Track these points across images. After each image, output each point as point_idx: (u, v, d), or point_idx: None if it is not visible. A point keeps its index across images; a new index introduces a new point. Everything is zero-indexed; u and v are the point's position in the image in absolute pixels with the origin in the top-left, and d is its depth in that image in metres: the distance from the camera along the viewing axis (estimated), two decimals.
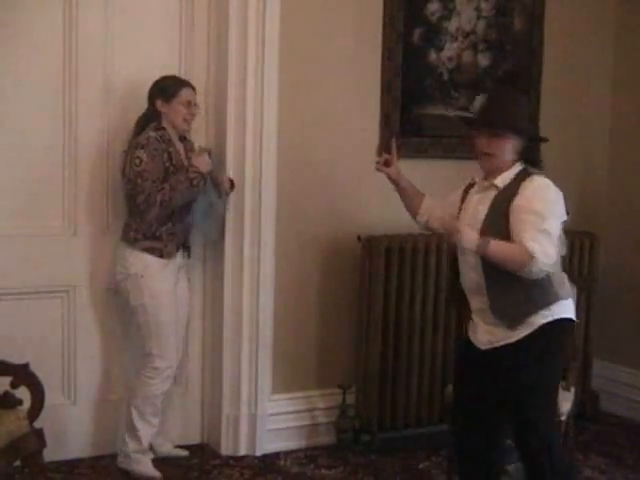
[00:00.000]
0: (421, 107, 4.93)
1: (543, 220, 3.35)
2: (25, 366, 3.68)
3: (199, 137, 4.51)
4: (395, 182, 3.85)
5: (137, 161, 4.12)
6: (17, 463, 3.63)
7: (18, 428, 3.54)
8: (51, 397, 3.89)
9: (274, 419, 4.71)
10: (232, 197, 4.50)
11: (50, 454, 3.82)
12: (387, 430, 4.81)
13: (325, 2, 4.66)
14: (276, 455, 4.68)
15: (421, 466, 4.64)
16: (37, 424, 3.64)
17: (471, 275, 3.53)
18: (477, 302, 3.56)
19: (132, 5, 4.40)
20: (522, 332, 3.44)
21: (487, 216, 3.46)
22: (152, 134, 4.20)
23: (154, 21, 4.46)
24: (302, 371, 4.78)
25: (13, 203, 4.28)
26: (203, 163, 4.23)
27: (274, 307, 4.65)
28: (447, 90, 5.00)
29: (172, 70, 4.41)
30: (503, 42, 5.14)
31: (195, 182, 4.18)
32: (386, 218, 4.73)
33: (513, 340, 3.46)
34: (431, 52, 4.94)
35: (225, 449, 4.67)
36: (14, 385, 3.66)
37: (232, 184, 4.46)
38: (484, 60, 5.09)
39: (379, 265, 4.65)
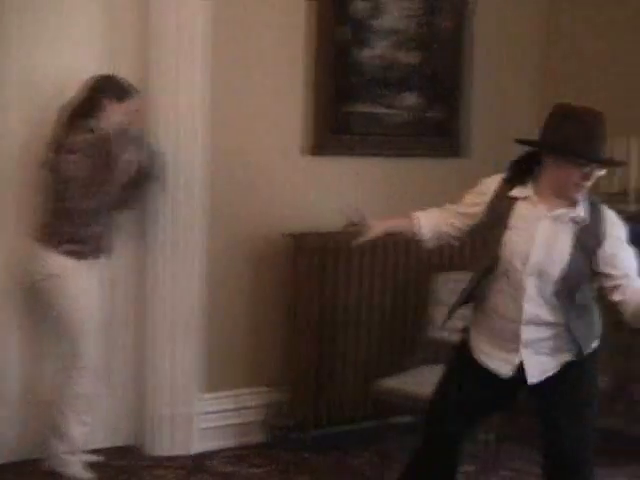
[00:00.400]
0: (350, 105, 4.93)
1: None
2: None
3: None
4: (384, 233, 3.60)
5: (70, 165, 4.08)
6: None
7: None
8: None
9: (205, 418, 4.69)
10: (166, 198, 4.48)
11: None
12: (319, 427, 4.82)
13: (252, 3, 4.66)
14: (208, 454, 4.66)
15: (355, 462, 4.66)
16: None
17: (533, 307, 3.31)
18: (533, 333, 3.33)
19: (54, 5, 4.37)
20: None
21: (573, 253, 3.26)
22: (89, 137, 4.13)
23: (77, 22, 4.41)
24: (233, 369, 4.77)
25: None
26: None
27: (205, 305, 4.63)
28: (375, 88, 5.01)
29: (97, 68, 4.36)
30: (431, 41, 5.16)
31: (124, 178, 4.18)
32: (318, 216, 4.74)
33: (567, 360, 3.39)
34: (359, 50, 4.94)
35: (157, 449, 4.63)
36: None
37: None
38: (412, 59, 5.11)
39: (308, 263, 4.66)
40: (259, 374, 4.82)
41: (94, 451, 4.51)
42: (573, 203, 3.28)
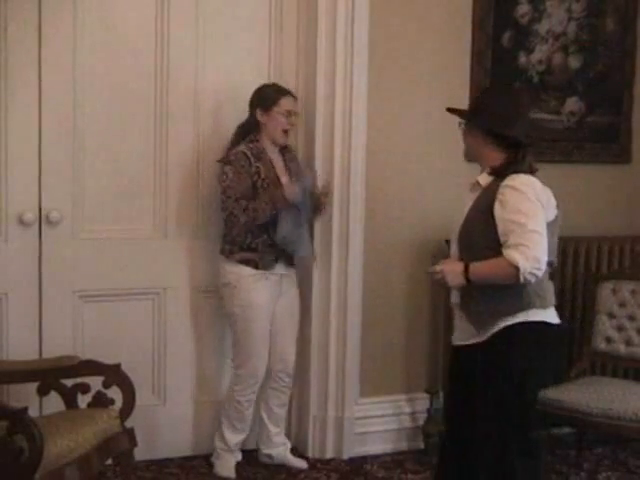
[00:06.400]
0: None
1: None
2: (117, 366, 3.75)
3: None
4: None
5: (224, 177, 4.20)
6: (109, 461, 3.71)
7: (110, 427, 3.61)
8: (141, 397, 3.95)
9: (361, 422, 4.71)
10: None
11: (140, 453, 3.89)
12: None
13: (414, 6, 4.65)
14: (363, 459, 4.68)
15: None
16: (128, 423, 3.71)
17: None
18: (454, 297, 3.46)
19: (222, 13, 4.46)
20: (488, 332, 3.31)
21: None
22: (241, 149, 4.22)
23: (243, 29, 4.50)
24: (389, 375, 4.77)
25: (106, 207, 4.36)
26: (292, 193, 4.16)
27: (362, 310, 4.65)
28: (537, 93, 4.94)
29: (261, 77, 4.45)
30: (595, 44, 5.05)
31: (279, 207, 4.17)
32: None
33: (480, 340, 3.34)
34: (521, 55, 4.89)
35: (312, 452, 4.69)
36: (106, 385, 3.74)
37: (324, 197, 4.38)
38: (575, 62, 5.02)
39: None
40: (416, 380, 4.81)
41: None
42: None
